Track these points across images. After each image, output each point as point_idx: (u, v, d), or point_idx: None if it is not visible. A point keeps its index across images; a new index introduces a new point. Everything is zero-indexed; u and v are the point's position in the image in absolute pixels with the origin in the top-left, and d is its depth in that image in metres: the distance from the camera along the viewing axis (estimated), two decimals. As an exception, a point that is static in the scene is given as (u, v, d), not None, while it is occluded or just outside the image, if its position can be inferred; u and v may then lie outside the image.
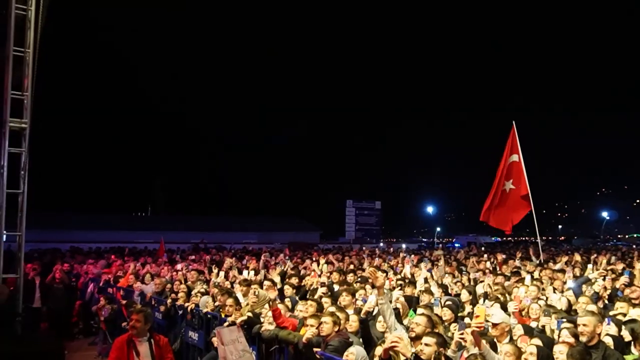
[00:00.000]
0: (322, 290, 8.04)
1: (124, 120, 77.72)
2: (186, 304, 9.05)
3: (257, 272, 11.74)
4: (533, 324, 6.55)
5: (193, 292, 9.51)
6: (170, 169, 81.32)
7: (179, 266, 13.74)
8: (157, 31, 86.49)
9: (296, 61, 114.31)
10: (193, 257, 17.99)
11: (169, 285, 10.71)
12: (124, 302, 10.41)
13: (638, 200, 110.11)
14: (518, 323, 6.31)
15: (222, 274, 11.29)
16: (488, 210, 14.49)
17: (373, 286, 8.01)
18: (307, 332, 6.00)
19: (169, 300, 9.66)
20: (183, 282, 10.66)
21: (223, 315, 7.84)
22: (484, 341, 4.62)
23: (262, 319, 7.12)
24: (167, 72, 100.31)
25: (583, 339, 5.16)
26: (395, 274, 11.70)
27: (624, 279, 8.22)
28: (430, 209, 68.38)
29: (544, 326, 6.39)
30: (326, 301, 7.07)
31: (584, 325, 5.18)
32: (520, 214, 14.16)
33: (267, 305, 7.18)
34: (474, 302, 7.77)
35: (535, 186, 14.19)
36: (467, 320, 6.16)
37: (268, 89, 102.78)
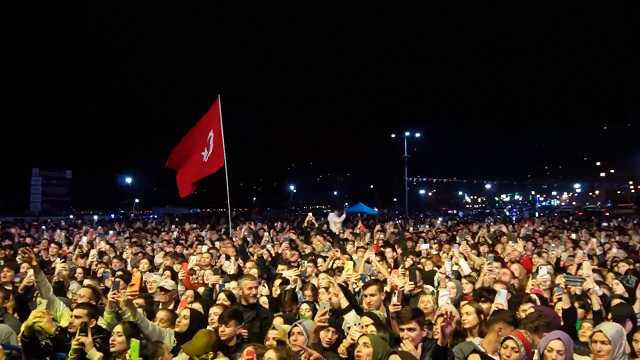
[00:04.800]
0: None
1: None
2: None
3: None
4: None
5: None
6: None
7: None
8: None
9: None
10: None
11: None
12: None
13: (321, 176, 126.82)
14: (187, 289, 6.70)
15: None
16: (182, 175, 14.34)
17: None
18: None
19: None
20: None
21: None
22: (140, 310, 4.76)
23: None
24: None
25: (243, 300, 5.74)
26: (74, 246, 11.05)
27: (285, 244, 9.59)
28: (128, 180, 65.42)
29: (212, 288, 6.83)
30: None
31: (241, 288, 5.76)
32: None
33: None
34: (152, 270, 7.94)
35: (233, 161, 14.64)
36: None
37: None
